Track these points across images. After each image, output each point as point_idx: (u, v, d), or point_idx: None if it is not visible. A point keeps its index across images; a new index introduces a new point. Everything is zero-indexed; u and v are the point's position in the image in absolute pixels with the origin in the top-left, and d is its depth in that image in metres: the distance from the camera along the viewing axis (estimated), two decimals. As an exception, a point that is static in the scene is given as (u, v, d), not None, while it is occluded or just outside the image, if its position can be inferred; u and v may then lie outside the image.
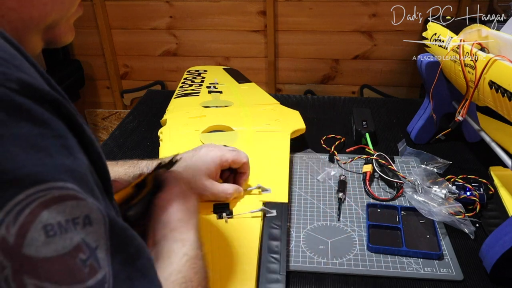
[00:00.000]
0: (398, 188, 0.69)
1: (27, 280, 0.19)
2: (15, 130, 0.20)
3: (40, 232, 0.20)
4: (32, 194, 0.20)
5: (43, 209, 0.20)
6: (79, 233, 0.21)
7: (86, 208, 0.22)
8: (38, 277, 0.20)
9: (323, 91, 1.99)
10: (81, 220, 0.22)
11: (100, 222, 0.23)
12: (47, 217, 0.20)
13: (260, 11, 1.85)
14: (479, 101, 0.65)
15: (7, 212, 0.19)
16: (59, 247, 0.20)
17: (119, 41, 2.01)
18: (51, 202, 0.20)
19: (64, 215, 0.21)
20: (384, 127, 0.91)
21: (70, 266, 0.21)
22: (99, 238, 0.23)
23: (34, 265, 0.19)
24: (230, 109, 0.91)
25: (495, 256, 0.51)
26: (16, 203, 0.19)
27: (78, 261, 0.21)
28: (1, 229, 0.19)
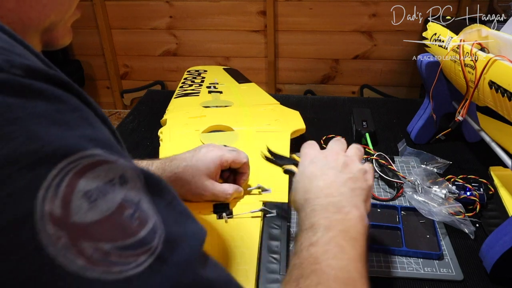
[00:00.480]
0: (398, 188, 0.69)
1: (84, 244, 0.20)
2: (31, 110, 0.21)
3: (82, 200, 0.21)
4: (64, 167, 0.21)
5: (79, 179, 0.21)
6: (119, 192, 0.23)
7: (119, 169, 0.23)
8: (92, 240, 0.21)
9: (323, 91, 1.99)
10: (117, 181, 0.23)
11: (136, 178, 0.24)
12: (85, 185, 0.21)
13: (260, 11, 1.85)
14: (479, 101, 0.65)
15: (46, 188, 0.20)
16: (103, 209, 0.21)
17: (119, 41, 2.01)
18: (84, 170, 0.21)
19: (99, 179, 0.22)
20: (384, 127, 0.91)
21: (119, 224, 0.22)
22: (139, 192, 0.24)
23: (85, 230, 0.21)
24: (230, 109, 0.91)
25: (495, 256, 0.51)
26: (53, 178, 0.20)
27: (126, 217, 0.22)
28: (45, 204, 0.20)
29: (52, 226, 0.20)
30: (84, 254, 0.20)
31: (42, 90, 0.21)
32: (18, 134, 0.20)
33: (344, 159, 0.49)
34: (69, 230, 0.20)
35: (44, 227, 0.20)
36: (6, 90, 0.20)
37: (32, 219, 0.20)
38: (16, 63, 0.21)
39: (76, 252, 0.20)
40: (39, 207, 0.20)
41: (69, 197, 0.21)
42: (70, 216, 0.20)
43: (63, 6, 0.33)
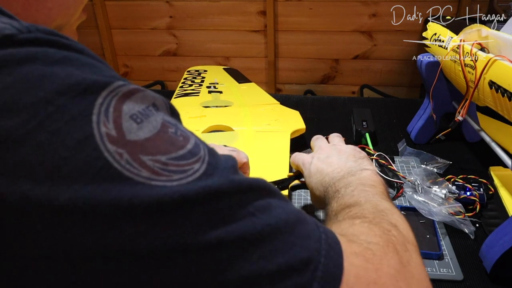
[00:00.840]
0: (398, 188, 0.69)
1: (143, 158, 0.23)
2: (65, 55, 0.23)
3: (130, 122, 0.23)
4: (107, 95, 0.23)
5: (121, 104, 0.23)
6: (158, 115, 0.25)
7: (150, 97, 0.26)
8: (150, 153, 0.23)
9: (323, 91, 1.99)
10: (152, 107, 0.25)
11: (164, 106, 0.27)
12: (128, 109, 0.23)
13: (260, 11, 1.85)
14: (479, 101, 0.65)
15: (97, 114, 0.22)
16: (150, 128, 0.24)
17: (119, 41, 2.01)
18: (124, 97, 0.24)
19: (139, 105, 0.24)
20: (384, 127, 0.91)
21: (168, 139, 0.24)
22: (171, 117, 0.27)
23: (141, 145, 0.23)
24: (230, 109, 0.91)
25: (495, 256, 0.51)
26: (99, 105, 0.22)
27: (171, 134, 0.25)
28: (101, 128, 0.22)
29: (112, 145, 0.22)
30: (146, 166, 0.22)
31: (68, 44, 0.24)
32: (59, 72, 0.22)
33: (334, 147, 0.59)
34: (128, 147, 0.22)
35: (105, 147, 0.22)
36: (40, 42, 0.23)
37: (94, 140, 0.22)
38: (39, 27, 0.24)
39: (139, 165, 0.22)
40: (96, 130, 0.22)
41: (119, 120, 0.23)
42: (125, 135, 0.23)
43: (69, 10, 0.34)
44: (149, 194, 0.22)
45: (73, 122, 0.21)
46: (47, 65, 0.22)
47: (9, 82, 0.21)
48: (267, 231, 0.25)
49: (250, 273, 0.23)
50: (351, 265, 0.27)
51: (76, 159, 0.21)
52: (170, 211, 0.22)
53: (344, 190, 0.45)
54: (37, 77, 0.21)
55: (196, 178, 0.24)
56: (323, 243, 0.27)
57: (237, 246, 0.24)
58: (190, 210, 0.23)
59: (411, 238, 0.35)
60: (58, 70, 0.22)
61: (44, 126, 0.21)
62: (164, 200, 0.22)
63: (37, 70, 0.22)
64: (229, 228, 0.23)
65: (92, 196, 0.21)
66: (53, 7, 0.32)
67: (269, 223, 0.25)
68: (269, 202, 0.26)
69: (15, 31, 0.22)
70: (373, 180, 0.47)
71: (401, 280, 0.28)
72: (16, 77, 0.21)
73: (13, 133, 0.20)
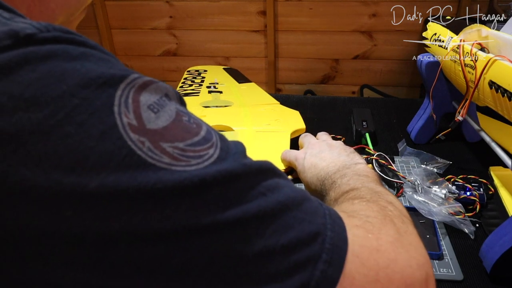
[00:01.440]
0: (398, 188, 0.69)
1: (163, 145, 0.24)
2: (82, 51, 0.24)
3: (148, 111, 0.25)
4: (125, 88, 0.24)
5: (139, 95, 0.25)
6: (171, 104, 0.27)
7: (163, 88, 0.27)
8: (169, 140, 0.24)
9: (323, 91, 1.99)
10: (165, 97, 0.27)
11: (175, 96, 0.28)
12: (145, 100, 0.25)
13: (260, 11, 1.85)
14: (479, 101, 0.65)
15: (118, 105, 0.24)
16: (167, 117, 0.25)
17: (119, 41, 2.01)
18: (140, 89, 0.25)
19: (154, 95, 0.26)
20: (384, 127, 0.91)
21: (183, 126, 0.26)
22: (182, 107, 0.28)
23: (160, 133, 0.24)
24: (230, 109, 0.91)
25: (495, 256, 0.51)
26: (119, 96, 0.24)
27: (185, 122, 0.26)
28: (123, 118, 0.23)
29: (134, 134, 0.23)
30: (166, 153, 0.24)
31: (83, 41, 0.25)
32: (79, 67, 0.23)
33: (324, 142, 0.62)
34: (149, 135, 0.24)
35: (128, 136, 0.23)
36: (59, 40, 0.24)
37: (117, 129, 0.23)
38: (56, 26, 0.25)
39: (160, 152, 0.24)
40: (118, 120, 0.23)
41: (138, 110, 0.24)
42: (145, 124, 0.24)
43: (70, 10, 0.35)
44: (171, 179, 0.23)
45: (97, 114, 0.23)
46: (67, 61, 0.23)
47: (34, 78, 0.22)
48: (278, 208, 0.26)
49: (265, 248, 0.25)
50: (354, 236, 0.29)
51: (102, 148, 0.22)
52: (191, 193, 0.24)
53: (340, 181, 0.48)
54: (60, 73, 0.23)
55: (212, 163, 0.25)
56: (327, 218, 0.29)
57: (252, 223, 0.25)
58: (209, 192, 0.24)
59: (406, 214, 0.38)
60: (78, 65, 0.24)
61: (70, 117, 0.22)
62: (185, 184, 0.24)
63: (59, 66, 0.23)
64: (244, 207, 0.25)
65: (119, 183, 0.22)
66: (56, 8, 0.33)
67: (280, 201, 0.27)
68: (277, 182, 0.28)
69: (35, 30, 0.23)
70: (366, 171, 0.50)
71: (400, 246, 0.31)
72: (40, 73, 0.22)
73: (42, 125, 0.21)
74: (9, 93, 0.21)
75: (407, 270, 0.29)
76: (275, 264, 0.25)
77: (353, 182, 0.46)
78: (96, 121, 0.23)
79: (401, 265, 0.29)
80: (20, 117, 0.21)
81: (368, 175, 0.49)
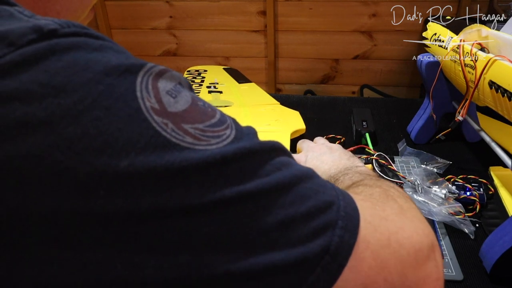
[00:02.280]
0: (398, 188, 0.69)
1: (185, 126, 0.26)
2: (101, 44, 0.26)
3: (167, 96, 0.26)
4: (144, 75, 0.26)
5: (157, 82, 0.26)
6: (186, 91, 0.28)
7: (177, 76, 0.28)
8: (190, 122, 0.26)
9: (323, 91, 1.99)
10: (179, 84, 0.28)
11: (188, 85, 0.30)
12: (163, 86, 0.26)
13: (260, 11, 1.85)
14: (479, 101, 0.65)
15: (140, 91, 0.25)
16: (184, 102, 0.27)
17: (119, 41, 2.01)
18: (157, 76, 0.26)
19: (170, 82, 0.27)
20: (384, 127, 0.91)
21: (200, 110, 0.28)
22: None
23: (181, 116, 0.26)
24: (231, 109, 0.91)
25: (495, 256, 0.52)
26: (140, 83, 0.25)
27: (201, 106, 0.28)
28: (146, 102, 0.25)
29: (157, 117, 0.25)
30: (189, 133, 0.25)
31: (99, 35, 0.27)
32: (100, 58, 0.25)
33: (324, 145, 0.63)
34: (171, 118, 0.25)
35: (153, 118, 0.24)
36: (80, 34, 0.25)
37: (142, 113, 0.24)
38: (75, 23, 0.26)
39: (183, 132, 0.25)
40: (142, 104, 0.24)
41: (159, 95, 0.25)
42: (166, 108, 0.25)
43: (76, 12, 0.36)
44: (196, 157, 0.25)
45: (122, 98, 0.24)
46: (89, 52, 0.25)
47: (60, 67, 0.23)
48: (294, 180, 0.28)
49: (286, 217, 0.27)
50: (362, 207, 0.31)
51: (130, 129, 0.24)
52: (215, 169, 0.25)
53: (343, 178, 0.50)
54: (84, 62, 0.24)
55: (230, 142, 0.27)
56: (337, 190, 0.31)
57: (272, 194, 0.27)
58: (231, 167, 0.26)
59: (408, 197, 0.40)
60: (99, 56, 0.25)
61: (98, 102, 0.23)
62: (209, 161, 0.25)
63: (82, 56, 0.24)
64: (264, 180, 0.27)
65: (147, 162, 0.23)
66: (61, 10, 0.34)
67: (295, 174, 0.29)
68: (288, 159, 0.30)
69: (57, 26, 0.25)
70: (367, 172, 0.52)
71: (404, 218, 0.33)
72: (66, 62, 0.24)
73: (71, 110, 0.23)
74: (38, 81, 0.22)
75: (414, 236, 0.32)
76: (296, 231, 0.27)
77: (356, 178, 0.48)
78: (122, 105, 0.24)
79: (409, 232, 0.32)
80: (50, 102, 0.22)
81: (369, 174, 0.50)
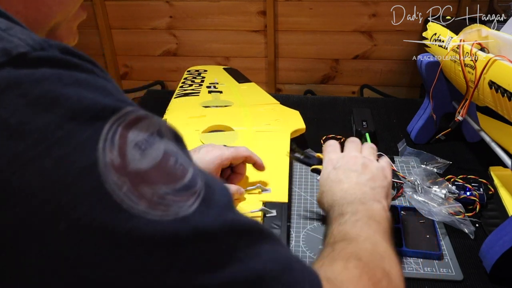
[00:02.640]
0: (398, 188, 0.69)
1: (143, 189, 0.23)
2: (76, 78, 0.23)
3: (134, 150, 0.23)
4: (114, 122, 0.23)
5: (127, 131, 0.24)
6: (161, 143, 0.25)
7: (156, 124, 0.26)
8: (150, 184, 0.23)
9: (323, 91, 1.99)
10: (156, 134, 0.25)
11: (170, 133, 0.27)
12: (134, 136, 0.24)
13: (260, 11, 1.85)
14: (479, 101, 0.65)
15: (104, 141, 0.23)
16: (153, 157, 0.24)
17: (119, 41, 2.01)
18: (130, 124, 0.24)
19: (144, 132, 0.25)
20: (384, 127, 0.91)
21: (168, 169, 0.25)
22: (174, 145, 0.27)
23: (143, 175, 0.23)
24: (230, 109, 0.91)
25: (495, 256, 0.51)
26: (107, 131, 0.23)
27: (171, 164, 0.25)
28: (106, 155, 0.22)
29: (115, 174, 0.22)
30: (145, 197, 0.23)
31: (78, 64, 0.24)
32: (71, 95, 0.22)
33: (363, 160, 0.55)
34: (130, 177, 0.23)
35: (108, 175, 0.22)
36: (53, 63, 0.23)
37: (97, 168, 0.22)
38: (51, 43, 0.24)
39: (138, 196, 0.23)
40: (101, 157, 0.22)
41: (124, 148, 0.23)
42: (128, 164, 0.23)
43: (68, 7, 0.34)
44: (144, 231, 0.22)
45: (80, 148, 0.22)
46: (60, 88, 0.22)
47: (22, 104, 0.21)
48: (252, 280, 0.25)
49: None
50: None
51: (76, 188, 0.21)
52: (162, 251, 0.23)
53: (348, 217, 0.46)
54: (50, 100, 0.22)
55: (190, 214, 0.24)
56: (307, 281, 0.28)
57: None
58: (181, 251, 0.23)
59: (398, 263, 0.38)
60: (71, 92, 0.23)
61: (52, 150, 0.21)
62: (157, 239, 0.22)
63: (50, 92, 0.22)
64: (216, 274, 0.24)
65: (90, 224, 0.21)
66: (53, 5, 0.32)
67: (256, 270, 0.25)
68: (258, 248, 0.27)
69: (28, 49, 0.22)
70: (380, 215, 0.47)
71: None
72: (29, 99, 0.21)
73: (21, 155, 0.21)
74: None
75: None
76: None
77: (360, 226, 0.44)
78: (77, 156, 0.22)
79: None
80: (1, 143, 0.21)
81: (380, 222, 0.45)
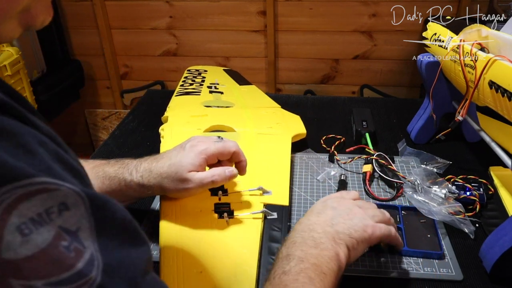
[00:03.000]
0: (398, 188, 0.69)
1: (14, 282, 0.19)
2: None
3: (15, 234, 0.19)
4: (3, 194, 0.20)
5: (12, 211, 0.20)
6: (56, 221, 0.21)
7: (59, 196, 0.22)
8: (24, 277, 0.19)
9: (323, 91, 1.98)
10: (55, 209, 0.21)
11: (79, 203, 0.23)
12: (20, 216, 0.20)
13: (260, 11, 1.85)
14: (479, 101, 0.65)
15: None
16: (38, 242, 0.20)
17: (119, 41, 2.01)
18: (18, 201, 0.20)
19: (35, 209, 0.20)
20: (384, 127, 0.92)
21: (55, 257, 0.21)
22: (80, 219, 0.23)
23: (17, 267, 0.19)
24: (232, 110, 0.91)
25: (495, 256, 0.52)
26: None
27: (62, 249, 0.21)
28: None
29: None
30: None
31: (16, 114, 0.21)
32: None
33: (354, 208, 0.51)
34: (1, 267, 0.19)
35: None
36: None
37: None
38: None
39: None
40: None
41: (1, 232, 0.19)
42: (2, 251, 0.19)
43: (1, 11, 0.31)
44: None
45: None
46: None
47: None
48: None
49: None
50: None
51: None
52: None
53: (293, 265, 0.42)
54: None
55: None
56: None
57: None
58: None
59: None
60: None
61: None
62: None
63: None
64: None
65: None
66: None
67: None
68: None
69: None
70: (329, 266, 0.43)
71: None
72: None
73: None
74: None
75: None
76: None
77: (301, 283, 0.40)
78: None
79: None
80: None
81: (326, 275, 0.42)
